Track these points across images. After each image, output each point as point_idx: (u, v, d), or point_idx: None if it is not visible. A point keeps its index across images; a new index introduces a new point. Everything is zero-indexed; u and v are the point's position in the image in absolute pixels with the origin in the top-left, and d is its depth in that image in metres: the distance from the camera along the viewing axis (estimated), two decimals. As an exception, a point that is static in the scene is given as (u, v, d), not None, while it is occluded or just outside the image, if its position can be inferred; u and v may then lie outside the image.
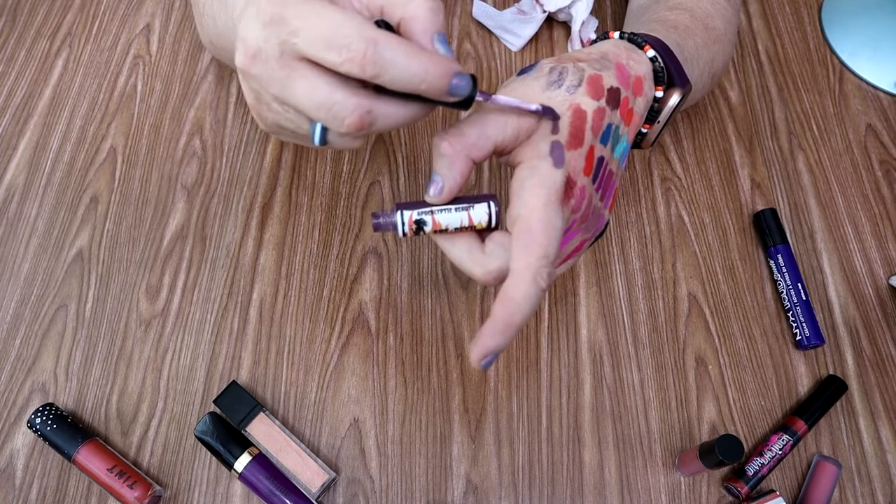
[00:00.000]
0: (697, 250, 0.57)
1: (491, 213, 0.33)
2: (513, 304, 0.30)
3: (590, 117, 0.34)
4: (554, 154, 0.32)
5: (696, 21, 0.49)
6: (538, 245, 0.30)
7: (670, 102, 0.40)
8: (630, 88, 0.37)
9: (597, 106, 0.35)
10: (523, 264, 0.30)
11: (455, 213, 0.32)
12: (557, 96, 0.34)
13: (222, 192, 0.58)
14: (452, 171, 0.32)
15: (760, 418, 0.51)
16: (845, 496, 0.48)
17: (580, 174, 0.34)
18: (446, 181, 0.32)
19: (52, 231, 0.56)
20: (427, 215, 0.33)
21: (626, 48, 0.39)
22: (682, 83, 0.40)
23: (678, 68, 0.40)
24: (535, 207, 0.31)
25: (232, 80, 0.64)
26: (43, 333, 0.52)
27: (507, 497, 0.48)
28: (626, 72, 0.37)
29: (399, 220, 0.33)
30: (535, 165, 0.32)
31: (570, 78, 0.35)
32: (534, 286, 0.30)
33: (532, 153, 0.33)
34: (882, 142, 0.63)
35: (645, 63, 0.39)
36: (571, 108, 0.34)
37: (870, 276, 0.56)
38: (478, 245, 0.33)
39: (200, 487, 0.47)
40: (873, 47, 0.67)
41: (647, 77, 0.39)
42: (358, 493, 0.47)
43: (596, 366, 0.52)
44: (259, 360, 0.51)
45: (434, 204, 0.33)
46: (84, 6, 0.69)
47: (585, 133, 0.34)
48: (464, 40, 0.67)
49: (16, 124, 0.62)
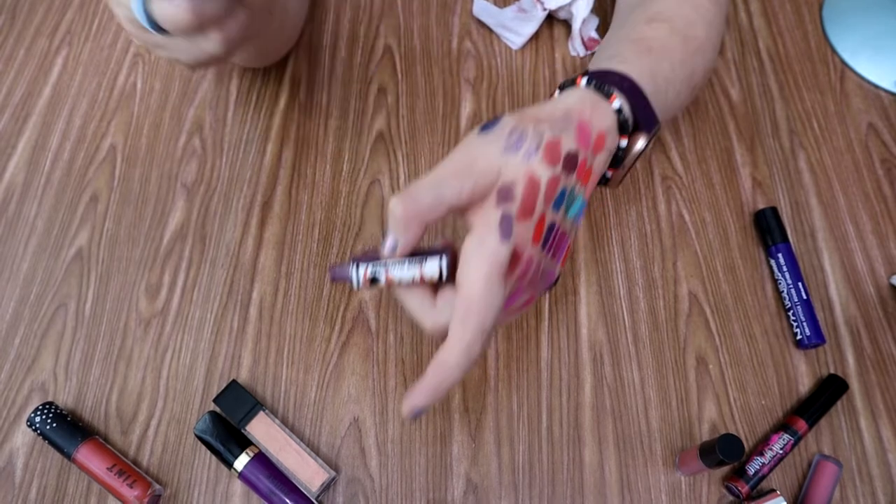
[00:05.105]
0: (698, 249, 0.57)
1: (442, 269, 0.35)
2: (445, 369, 0.32)
3: (543, 186, 0.35)
4: (502, 227, 0.33)
5: (674, 35, 0.48)
6: (475, 319, 0.32)
7: (636, 148, 0.41)
8: (590, 148, 0.38)
9: (552, 174, 0.35)
10: (458, 336, 0.32)
11: (407, 270, 0.35)
12: (514, 161, 0.35)
13: (222, 191, 0.58)
14: (406, 234, 0.34)
15: (761, 417, 0.51)
16: (846, 496, 0.48)
17: (528, 245, 0.35)
18: (400, 241, 0.34)
19: (51, 230, 0.56)
20: (381, 271, 0.35)
21: (591, 101, 0.39)
22: (649, 127, 0.41)
23: (646, 113, 0.41)
24: (476, 281, 0.32)
25: (232, 79, 0.64)
26: (42, 332, 0.52)
27: (507, 496, 0.47)
28: (588, 130, 0.38)
29: (354, 275, 0.35)
30: (482, 238, 0.33)
31: (528, 143, 0.35)
32: (465, 356, 0.32)
33: (482, 222, 0.34)
34: (883, 140, 0.63)
35: (609, 115, 0.39)
36: (526, 176, 0.34)
37: (871, 275, 0.56)
38: (429, 299, 0.36)
39: (200, 487, 0.47)
40: (874, 46, 0.67)
41: (611, 130, 0.39)
42: (358, 493, 0.47)
43: (596, 365, 0.52)
44: (259, 359, 0.51)
45: (388, 259, 0.35)
46: (83, 4, 0.69)
47: (537, 203, 0.35)
48: (464, 38, 0.66)
49: (15, 123, 0.61)
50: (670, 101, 0.46)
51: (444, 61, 0.65)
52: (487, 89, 0.63)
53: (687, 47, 0.48)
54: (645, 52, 0.45)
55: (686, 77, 0.48)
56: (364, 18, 0.68)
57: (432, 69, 0.65)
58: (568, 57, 0.65)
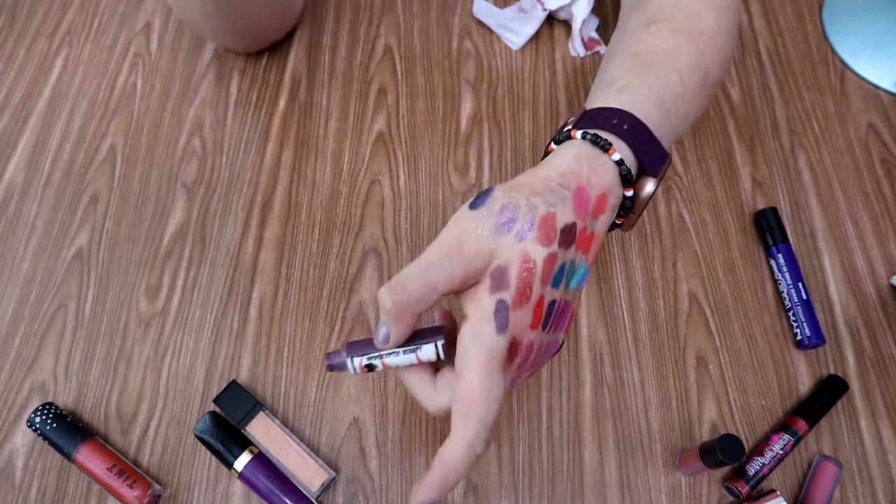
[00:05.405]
0: (698, 249, 0.57)
1: (439, 352, 0.34)
2: (449, 465, 0.32)
3: (539, 268, 0.33)
4: (497, 318, 0.32)
5: (677, 36, 0.43)
6: (476, 414, 0.31)
7: (644, 194, 0.38)
8: (589, 214, 0.35)
9: (547, 253, 0.33)
10: (461, 433, 0.31)
11: (403, 356, 0.34)
12: (506, 242, 0.33)
13: (222, 192, 0.58)
14: (398, 326, 0.33)
15: (761, 418, 0.51)
16: (846, 496, 0.48)
17: (527, 331, 0.33)
18: (392, 334, 0.33)
19: (51, 230, 0.56)
20: (377, 360, 0.34)
21: (588, 158, 0.36)
22: (657, 166, 0.38)
23: (652, 153, 0.38)
24: (476, 374, 0.31)
25: (231, 80, 0.64)
26: (42, 333, 0.52)
27: (507, 497, 0.47)
28: (585, 197, 0.35)
29: (350, 365, 0.35)
30: (478, 329, 0.32)
31: (520, 221, 0.33)
32: (469, 453, 0.31)
33: (477, 310, 0.32)
34: (883, 141, 0.63)
35: (610, 170, 0.36)
36: (520, 259, 0.32)
37: (871, 275, 0.56)
38: (430, 379, 0.35)
39: (200, 487, 0.47)
40: (874, 47, 0.67)
41: (613, 186, 0.36)
42: (358, 493, 0.47)
43: (596, 365, 0.52)
44: (259, 359, 0.51)
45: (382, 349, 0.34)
46: (84, 5, 0.69)
47: (533, 287, 0.33)
48: (464, 39, 0.66)
49: (15, 123, 0.61)
50: (683, 116, 0.43)
51: (444, 61, 0.65)
52: (487, 89, 0.63)
53: (695, 47, 0.43)
54: (646, 70, 0.41)
55: (698, 82, 0.43)
56: (364, 19, 0.68)
57: (432, 69, 0.65)
58: (568, 57, 0.65)
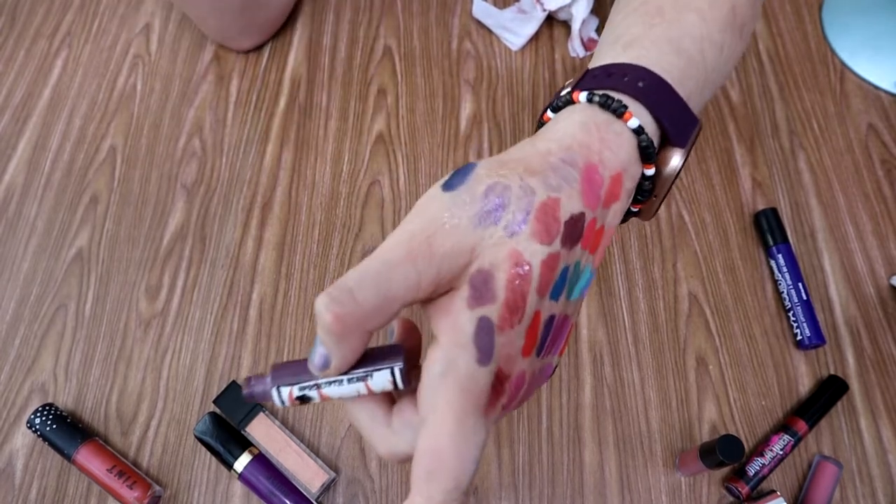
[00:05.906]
0: (698, 249, 0.57)
1: (396, 380, 0.24)
2: None
3: (536, 274, 0.23)
4: (479, 342, 0.22)
5: None
6: (444, 473, 0.22)
7: (669, 169, 0.29)
8: (601, 201, 0.26)
9: (547, 253, 0.24)
10: (425, 497, 0.22)
11: (348, 385, 0.24)
12: (492, 237, 0.23)
13: (222, 192, 0.58)
14: (341, 348, 0.23)
15: (761, 418, 0.51)
16: (846, 496, 0.48)
17: (517, 359, 0.24)
18: (333, 358, 0.23)
19: (51, 231, 0.56)
20: (312, 390, 0.25)
21: (598, 127, 0.26)
22: (686, 133, 0.29)
23: (677, 116, 0.28)
24: (446, 420, 0.22)
25: (231, 80, 0.64)
26: (42, 333, 0.52)
27: (507, 497, 0.47)
28: (598, 176, 0.26)
29: (276, 396, 0.25)
30: (451, 357, 0.22)
31: (511, 209, 0.23)
32: None
33: (450, 330, 0.23)
34: (883, 141, 0.63)
35: (627, 142, 0.27)
36: (511, 260, 0.23)
37: (871, 275, 0.56)
38: (383, 415, 0.25)
39: (200, 488, 0.47)
40: (873, 47, 0.67)
41: (630, 163, 0.27)
42: (358, 493, 0.47)
43: (596, 365, 0.52)
44: (259, 359, 0.51)
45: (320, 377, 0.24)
46: (84, 6, 0.69)
47: (528, 299, 0.23)
48: (464, 39, 0.66)
49: (15, 124, 0.61)
50: (712, 66, 0.32)
51: (443, 62, 0.65)
52: (487, 90, 0.63)
53: None
54: (657, 16, 0.31)
55: (725, 18, 0.33)
56: (364, 19, 0.68)
57: (432, 70, 0.65)
58: (568, 58, 0.65)
